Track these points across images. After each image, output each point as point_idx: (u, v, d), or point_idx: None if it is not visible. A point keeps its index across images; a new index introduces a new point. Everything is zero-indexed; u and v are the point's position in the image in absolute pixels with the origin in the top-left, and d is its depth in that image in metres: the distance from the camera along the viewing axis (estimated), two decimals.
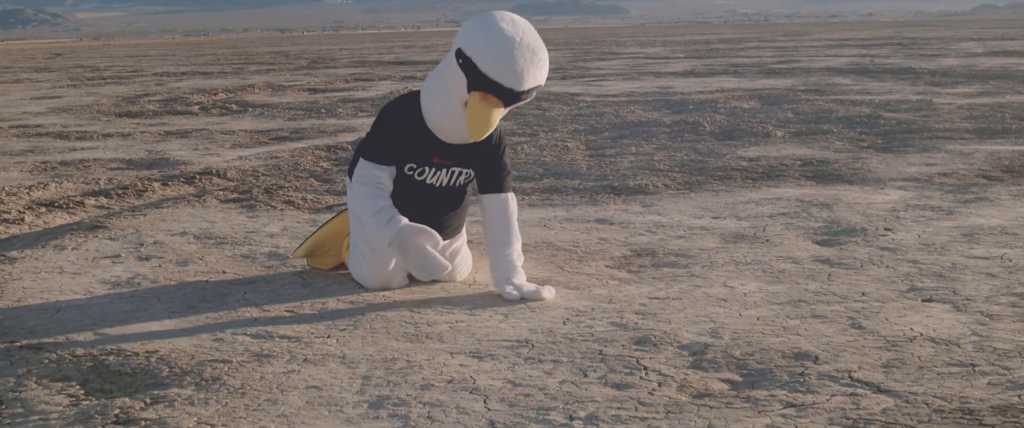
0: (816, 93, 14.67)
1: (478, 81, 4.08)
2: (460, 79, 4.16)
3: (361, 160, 4.48)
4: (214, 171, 8.22)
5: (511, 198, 4.56)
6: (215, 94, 17.71)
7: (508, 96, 4.10)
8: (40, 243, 5.73)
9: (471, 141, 4.34)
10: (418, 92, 4.49)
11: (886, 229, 5.59)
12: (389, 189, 4.46)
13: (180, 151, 9.95)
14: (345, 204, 6.58)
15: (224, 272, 4.97)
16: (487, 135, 4.24)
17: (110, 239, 5.78)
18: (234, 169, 8.37)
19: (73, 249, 5.54)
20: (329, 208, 6.60)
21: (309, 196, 7.01)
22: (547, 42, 4.35)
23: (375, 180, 4.41)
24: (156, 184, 7.65)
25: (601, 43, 49.79)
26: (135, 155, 9.69)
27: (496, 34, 4.04)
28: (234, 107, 14.97)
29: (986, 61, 22.36)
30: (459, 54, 4.13)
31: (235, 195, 7.13)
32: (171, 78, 24.74)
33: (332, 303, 4.36)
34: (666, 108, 12.93)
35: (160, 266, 5.12)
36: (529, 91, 4.15)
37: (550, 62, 4.37)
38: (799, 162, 8.02)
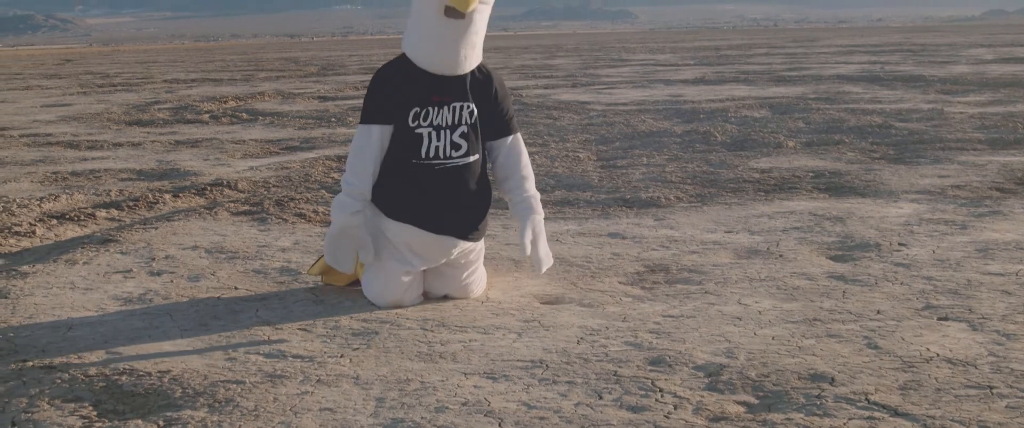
0: (827, 102, 14.64)
1: None
2: None
3: (359, 126, 4.53)
4: (225, 182, 8.22)
5: (518, 138, 4.73)
6: (225, 102, 17.72)
7: None
8: (51, 257, 5.72)
9: (464, 10, 4.33)
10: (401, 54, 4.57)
11: (900, 244, 5.57)
12: (375, 166, 4.49)
13: (191, 161, 9.95)
14: None
15: (236, 288, 4.96)
16: (471, 8, 4.30)
17: (122, 253, 5.77)
18: (245, 180, 8.36)
19: (84, 263, 5.53)
20: None
21: (320, 208, 7.00)
22: (556, 48, 4.49)
23: (365, 153, 4.49)
24: (167, 196, 7.64)
25: (610, 49, 49.75)
26: (146, 165, 9.69)
27: None
28: (244, 116, 14.97)
29: (997, 68, 22.30)
30: None
31: (246, 207, 7.12)
32: (181, 85, 24.76)
33: (345, 321, 4.35)
34: (677, 117, 12.91)
35: (172, 281, 5.11)
36: None
37: (560, 69, 4.51)
38: (811, 174, 8.00)
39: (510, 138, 4.66)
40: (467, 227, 4.60)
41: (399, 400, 3.34)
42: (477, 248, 4.72)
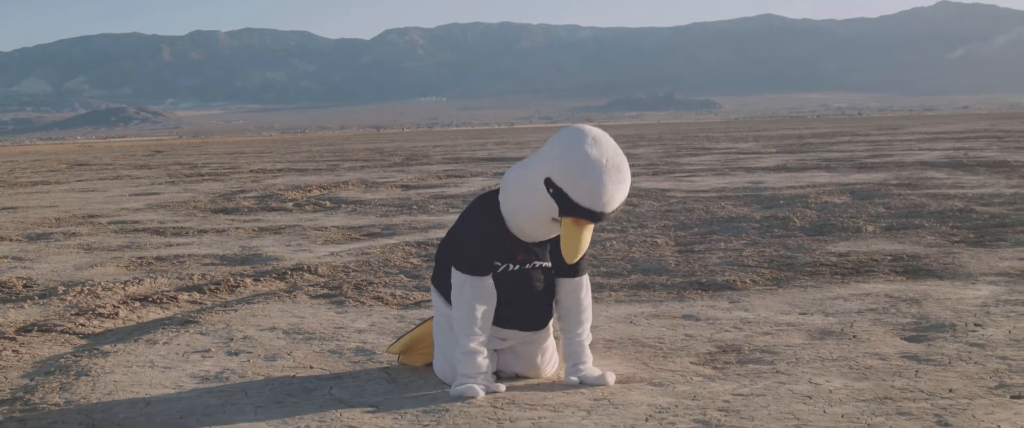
0: (908, 187, 14.55)
1: (570, 209, 4.17)
2: (550, 204, 4.23)
3: (465, 276, 4.50)
4: (305, 267, 8.34)
5: (584, 280, 4.71)
6: (309, 191, 17.98)
7: (599, 218, 4.20)
8: (132, 337, 5.84)
9: (568, 262, 4.40)
10: (494, 195, 4.56)
11: (976, 324, 5.52)
12: (488, 309, 4.52)
13: (273, 247, 10.10)
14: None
15: (311, 367, 5.03)
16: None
17: (201, 334, 5.87)
18: (325, 265, 8.48)
19: (164, 344, 5.64)
20: (417, 304, 6.65)
21: (398, 292, 7.08)
22: (639, 138, 4.50)
23: (479, 300, 4.48)
24: (248, 280, 7.76)
25: (693, 138, 49.82)
26: (229, 251, 9.86)
27: (585, 163, 4.11)
28: (327, 204, 15.17)
29: None
30: (549, 184, 4.20)
31: (325, 291, 7.22)
32: (267, 175, 25.15)
33: (416, 399, 4.39)
34: (756, 203, 12.89)
35: (249, 361, 5.19)
36: (617, 210, 4.28)
37: (642, 158, 4.55)
38: (889, 257, 7.95)
39: (576, 280, 4.66)
40: (534, 324, 4.66)
41: None
42: (548, 329, 4.76)
